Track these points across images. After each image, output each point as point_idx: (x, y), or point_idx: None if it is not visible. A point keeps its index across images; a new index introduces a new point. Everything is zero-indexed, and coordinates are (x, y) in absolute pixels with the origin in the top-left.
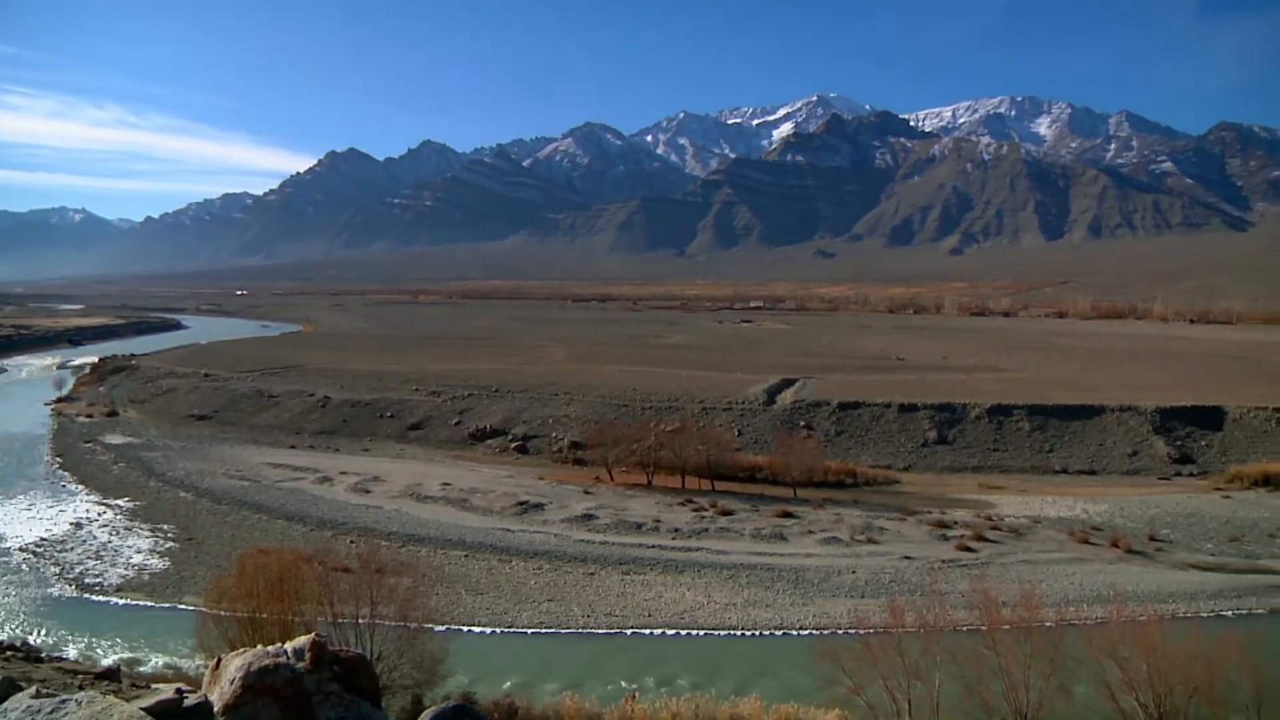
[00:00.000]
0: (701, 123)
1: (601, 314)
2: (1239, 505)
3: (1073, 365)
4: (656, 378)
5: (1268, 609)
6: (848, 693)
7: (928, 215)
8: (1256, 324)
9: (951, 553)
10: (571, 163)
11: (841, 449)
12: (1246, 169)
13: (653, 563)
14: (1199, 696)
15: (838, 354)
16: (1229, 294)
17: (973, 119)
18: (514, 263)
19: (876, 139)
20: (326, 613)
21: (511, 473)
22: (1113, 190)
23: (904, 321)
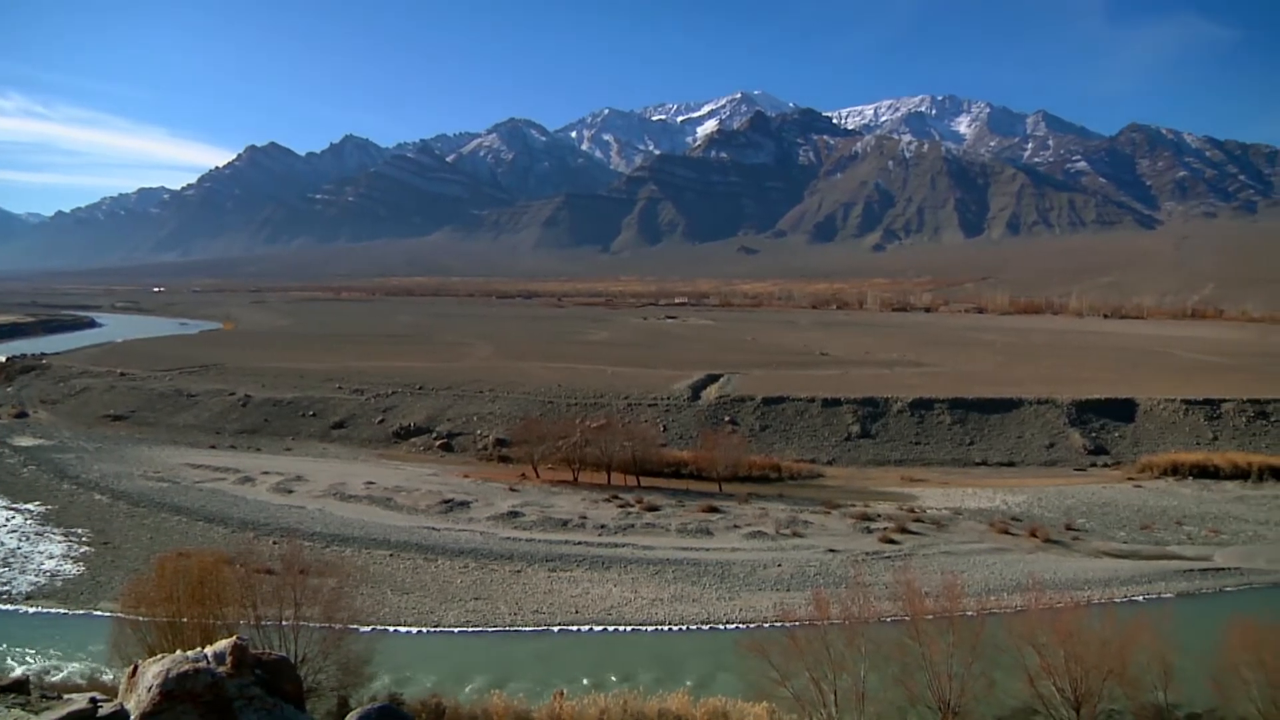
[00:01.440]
0: (626, 119)
1: (526, 310)
2: (1150, 494)
3: (992, 360)
4: (582, 374)
5: (1176, 593)
6: (775, 685)
7: (850, 212)
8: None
9: (875, 545)
10: (495, 158)
11: (766, 444)
12: (1155, 169)
13: (579, 559)
14: (1112, 679)
15: (762, 349)
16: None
17: (894, 117)
18: (438, 259)
19: (800, 136)
20: (249, 615)
21: (436, 471)
22: (1030, 189)
23: (827, 317)
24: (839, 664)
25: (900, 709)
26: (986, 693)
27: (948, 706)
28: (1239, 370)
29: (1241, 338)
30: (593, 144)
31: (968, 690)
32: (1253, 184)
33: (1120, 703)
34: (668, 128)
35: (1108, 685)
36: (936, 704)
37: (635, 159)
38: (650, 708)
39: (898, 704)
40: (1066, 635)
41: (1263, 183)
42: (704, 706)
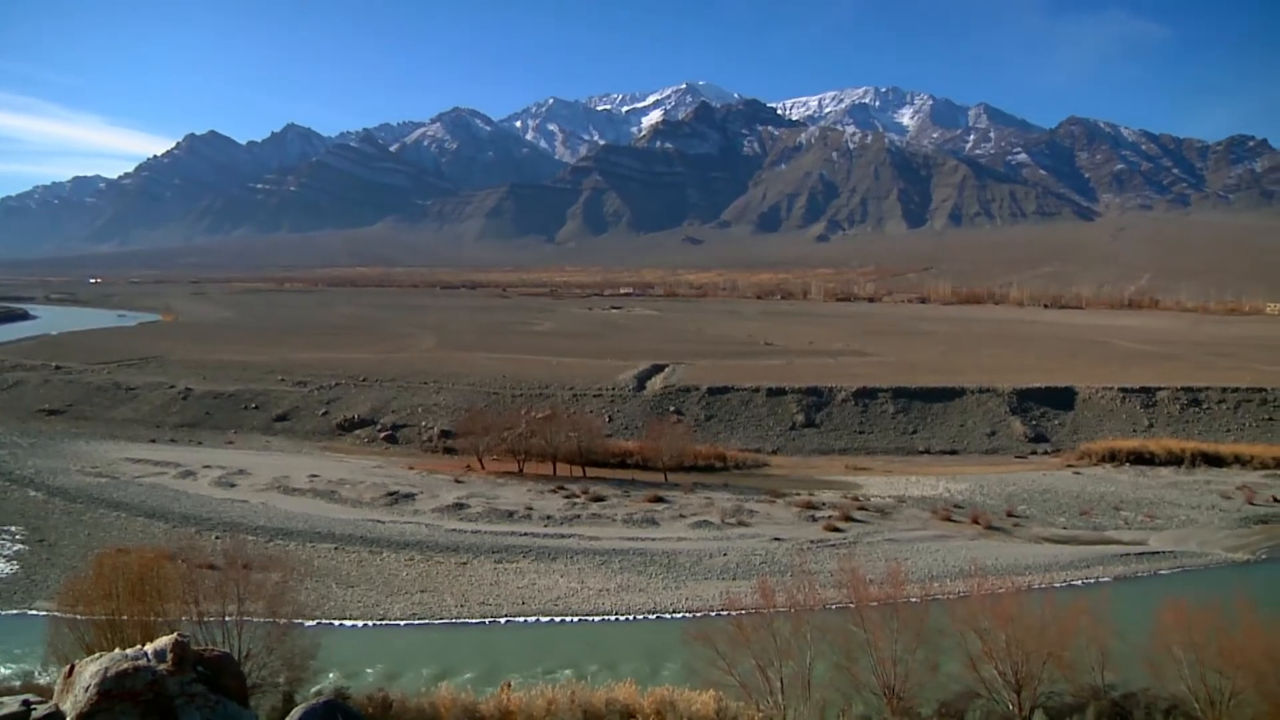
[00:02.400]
0: (571, 109)
1: (471, 301)
2: (1088, 480)
3: (935, 349)
4: (527, 365)
5: (1113, 577)
6: (721, 673)
7: (794, 203)
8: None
9: (820, 533)
10: (439, 148)
11: (711, 433)
12: (1093, 162)
13: (525, 550)
14: (1052, 662)
15: (707, 340)
16: (1079, 280)
17: (838, 109)
18: (381, 249)
19: (744, 127)
20: (191, 612)
21: (381, 463)
22: (972, 180)
23: (772, 307)
24: (785, 651)
25: (845, 695)
26: (930, 677)
27: (892, 691)
28: (1173, 359)
29: (1175, 327)
30: (537, 134)
31: (912, 675)
32: (1186, 178)
33: (1060, 684)
34: (613, 118)
35: (1048, 668)
36: (881, 689)
37: (580, 149)
38: (598, 698)
39: (843, 690)
40: (1008, 620)
41: (1195, 176)
42: (651, 696)
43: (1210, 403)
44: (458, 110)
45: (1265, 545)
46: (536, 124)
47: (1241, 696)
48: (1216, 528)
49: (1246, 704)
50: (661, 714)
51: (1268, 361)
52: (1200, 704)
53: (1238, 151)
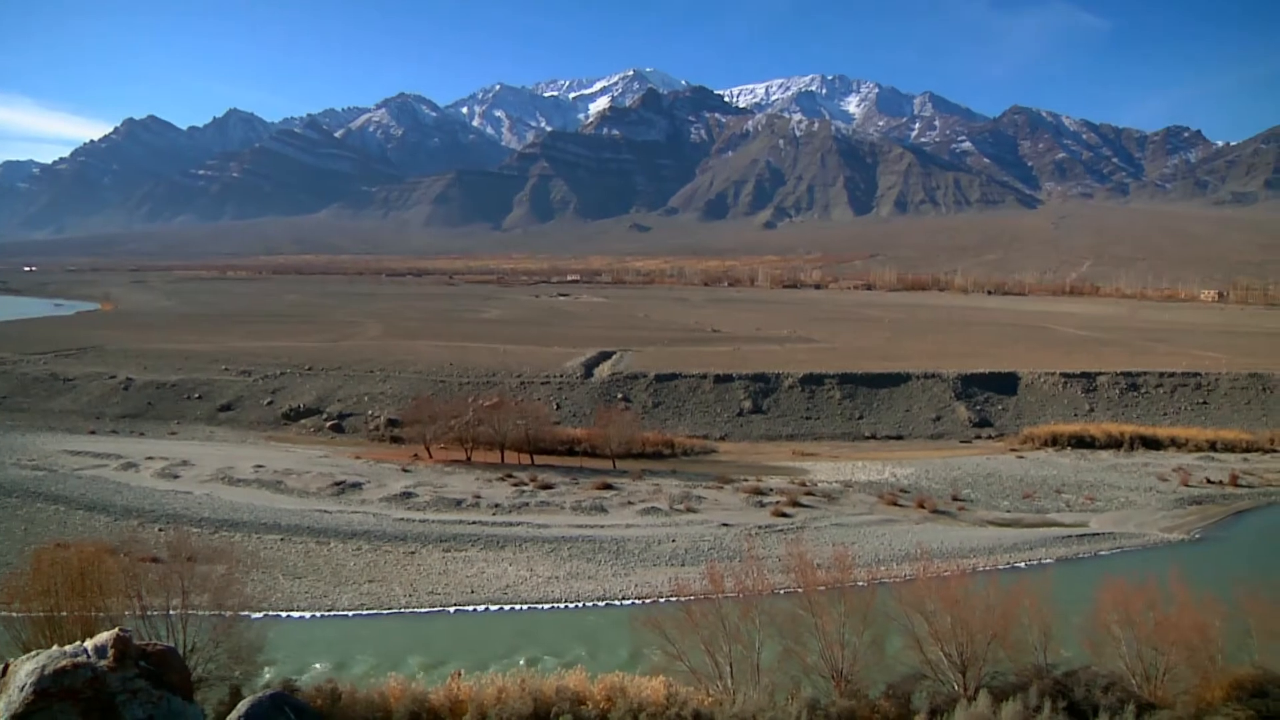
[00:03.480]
0: (518, 95)
1: (417, 288)
2: (1031, 464)
3: (881, 335)
4: (474, 353)
5: (1055, 558)
6: (671, 659)
7: (741, 190)
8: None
9: (768, 518)
10: (385, 134)
11: (659, 420)
12: (1036, 150)
13: (474, 539)
14: (997, 642)
15: (654, 326)
16: (1022, 267)
17: (785, 96)
18: (326, 237)
19: (691, 114)
20: (134, 606)
21: (327, 452)
22: (917, 168)
23: (719, 294)
24: (734, 636)
25: (794, 678)
26: (877, 660)
27: (840, 674)
28: (1113, 344)
29: (1115, 313)
30: (484, 120)
31: (859, 658)
32: (1125, 167)
33: (1004, 664)
34: (560, 104)
35: (992, 648)
36: (829, 672)
37: (527, 135)
38: (548, 686)
39: (791, 673)
40: (953, 602)
41: (1134, 165)
42: (601, 683)
43: (1148, 387)
44: (404, 96)
45: (1199, 525)
46: (483, 110)
47: (1175, 671)
48: (1154, 509)
49: (1180, 678)
50: (612, 700)
51: (1202, 347)
52: (1137, 679)
53: (1174, 142)
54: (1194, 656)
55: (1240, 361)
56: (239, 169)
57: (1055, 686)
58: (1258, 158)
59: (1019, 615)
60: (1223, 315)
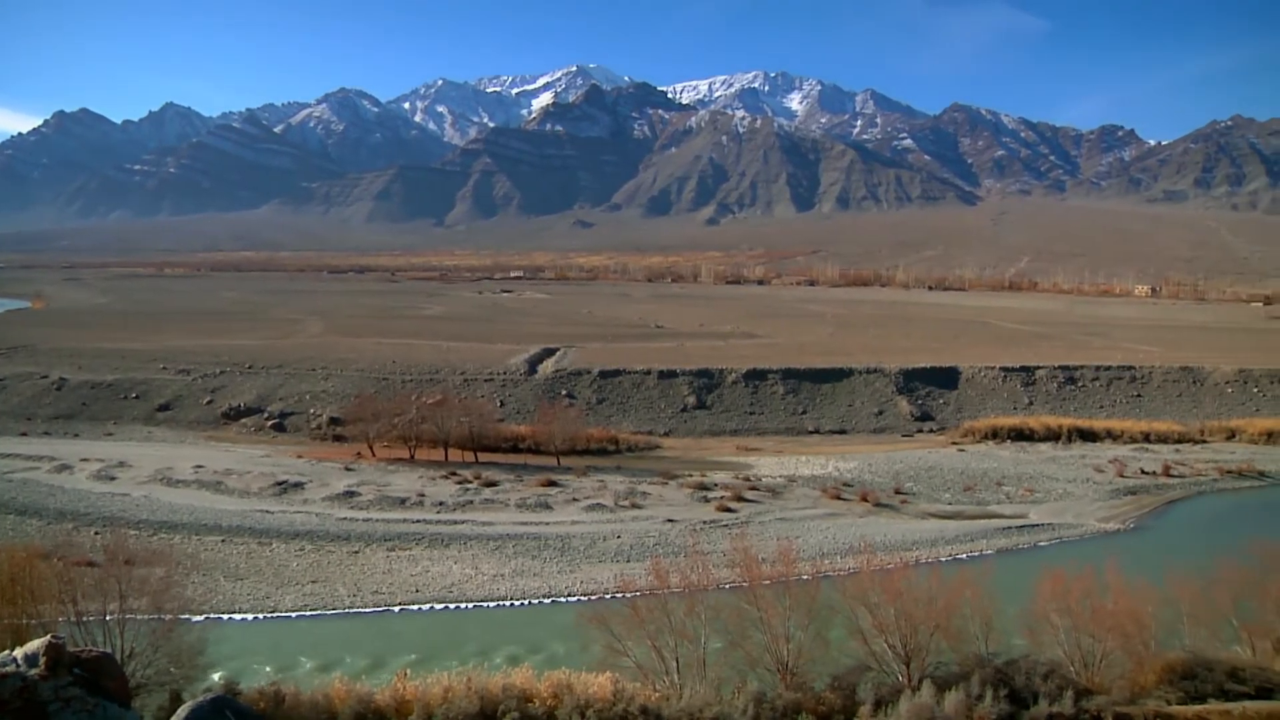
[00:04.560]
0: (460, 90)
1: (359, 285)
2: (972, 457)
3: (823, 330)
4: (417, 350)
5: (996, 550)
6: (618, 655)
7: (684, 186)
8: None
9: (712, 513)
10: (326, 129)
11: (603, 416)
12: (975, 148)
13: (418, 537)
14: (939, 633)
15: (598, 323)
16: (962, 263)
17: (728, 93)
18: (266, 233)
19: (635, 110)
20: (69, 611)
21: (268, 452)
22: (859, 164)
23: (662, 290)
24: (680, 632)
25: (740, 672)
26: (822, 653)
27: (785, 667)
28: (1051, 339)
29: (1053, 308)
30: (426, 115)
31: (805, 651)
32: (1062, 164)
33: (946, 655)
34: (502, 100)
35: (935, 639)
36: (775, 666)
37: (469, 131)
38: (494, 684)
39: (738, 667)
40: (897, 594)
41: (1070, 163)
42: (548, 680)
43: (1085, 380)
44: (344, 91)
45: (1134, 515)
46: (425, 105)
47: (1111, 657)
48: (1091, 500)
49: (1116, 663)
50: (558, 698)
51: (1137, 341)
52: (1075, 666)
53: (1109, 140)
54: (1129, 642)
55: (1172, 355)
56: (176, 164)
57: (996, 675)
58: (1187, 157)
59: (961, 606)
60: (1156, 310)
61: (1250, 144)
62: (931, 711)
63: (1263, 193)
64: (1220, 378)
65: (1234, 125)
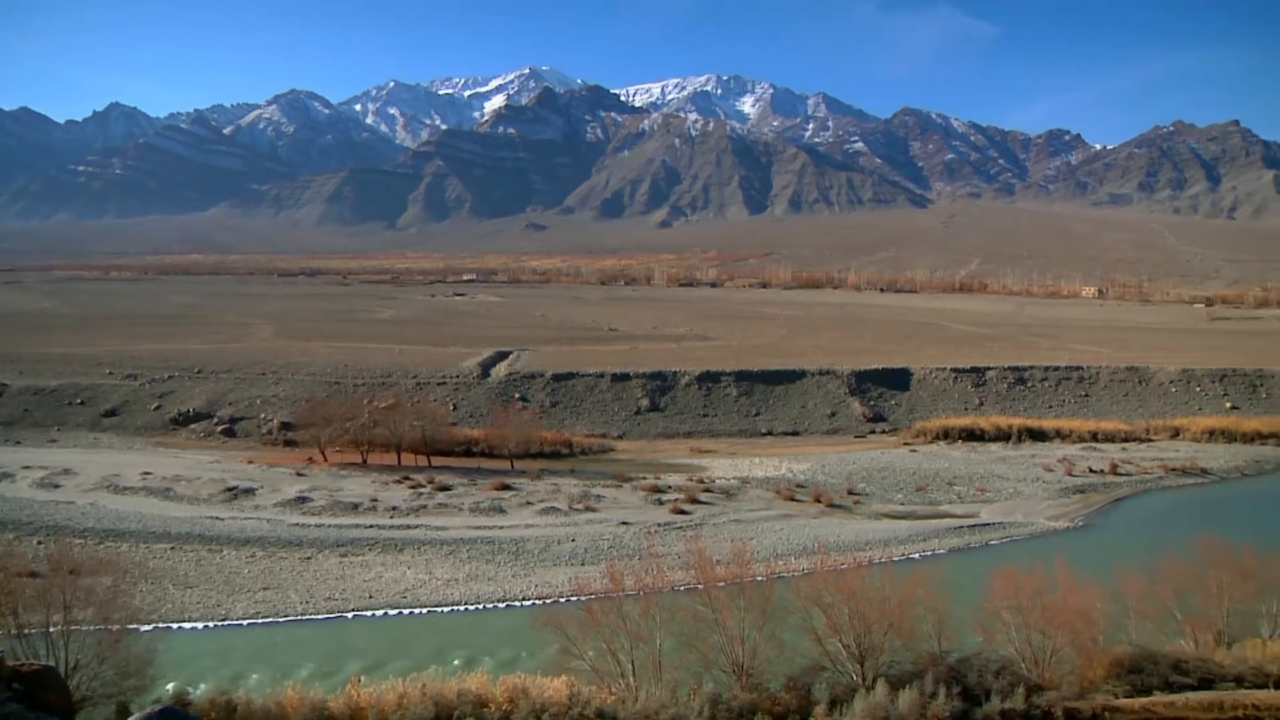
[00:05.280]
0: (412, 92)
1: (310, 289)
2: (924, 458)
3: (776, 332)
4: (369, 353)
5: (948, 549)
6: (573, 658)
7: (638, 188)
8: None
9: (667, 516)
10: (276, 131)
11: (557, 419)
12: (926, 151)
13: (371, 543)
14: (893, 632)
15: (551, 325)
16: (913, 265)
17: (681, 96)
18: (215, 236)
19: (588, 113)
20: (9, 624)
21: (219, 457)
22: (811, 167)
23: (615, 293)
24: (635, 634)
25: (696, 674)
26: (778, 653)
27: (741, 668)
28: (1001, 340)
29: (1002, 310)
30: (378, 117)
31: (760, 652)
32: (1011, 168)
33: (900, 653)
34: (455, 102)
35: (889, 638)
36: (731, 667)
37: (422, 133)
38: (449, 689)
39: (693, 669)
40: (850, 594)
41: (1019, 167)
42: (504, 685)
43: (1034, 381)
44: (295, 92)
45: (1083, 513)
46: (377, 107)
47: (1061, 653)
48: (1040, 499)
49: (1066, 659)
50: (514, 702)
51: (1084, 341)
52: (1026, 663)
53: (1056, 144)
54: (1078, 638)
55: (1119, 355)
56: (122, 165)
57: (950, 673)
58: (1132, 161)
59: (914, 605)
60: (1102, 311)
61: (1191, 149)
62: (886, 710)
63: (1203, 197)
64: (1165, 377)
65: (1175, 131)
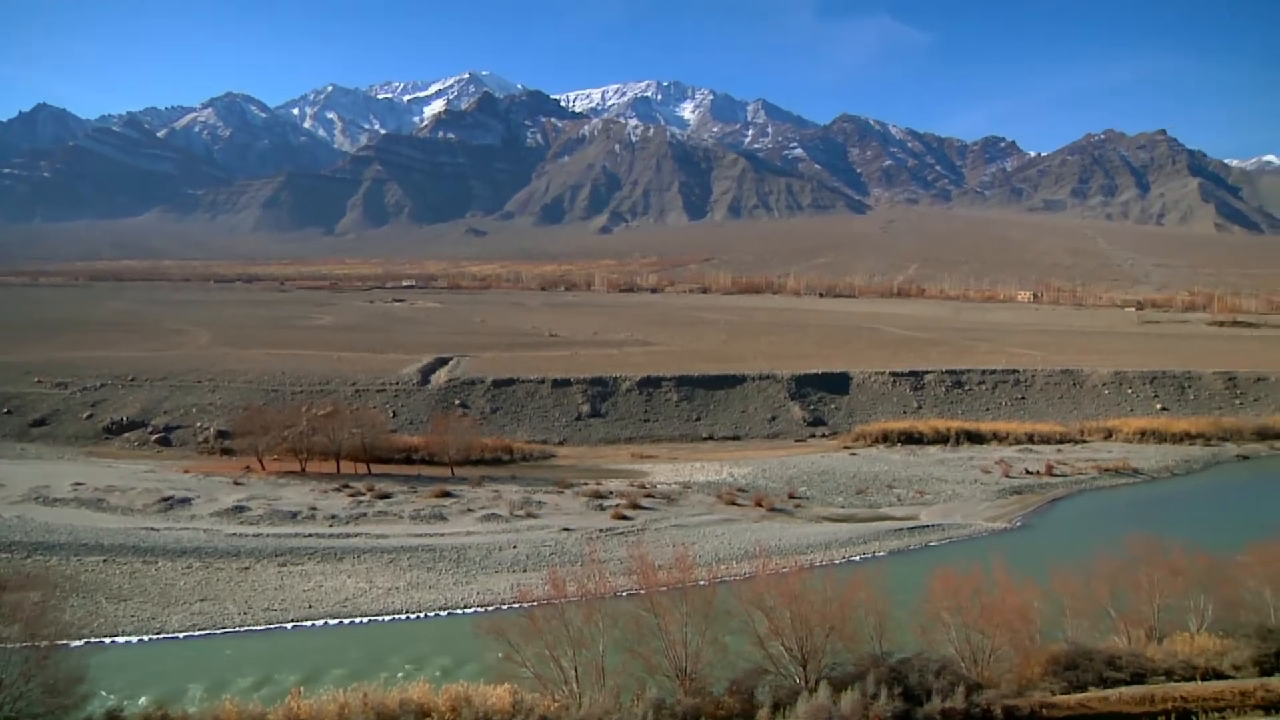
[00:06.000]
0: (351, 97)
1: (247, 295)
2: (863, 461)
3: (717, 337)
4: (307, 360)
5: (888, 551)
6: (516, 665)
7: (578, 194)
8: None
9: (608, 521)
10: (212, 135)
11: (498, 426)
12: (864, 157)
13: (311, 552)
14: (835, 634)
15: (491, 331)
16: (852, 270)
17: (621, 101)
18: (150, 241)
19: (528, 118)
20: None
21: (153, 467)
22: (751, 173)
23: (556, 298)
24: (578, 640)
25: (639, 679)
26: (720, 657)
27: (684, 673)
28: (939, 344)
29: (940, 314)
30: (316, 122)
31: (702, 656)
32: (947, 174)
33: (842, 655)
34: (394, 107)
35: (831, 640)
36: (674, 672)
37: (360, 138)
38: (391, 699)
39: (636, 674)
40: (792, 598)
41: (955, 173)
42: (446, 693)
43: (971, 384)
44: (231, 95)
45: (1019, 514)
46: (315, 112)
47: (1000, 652)
48: (978, 500)
49: (1004, 658)
50: (457, 710)
51: (1020, 345)
52: (966, 662)
53: (991, 151)
54: (1016, 637)
55: (1053, 358)
56: (50, 168)
57: (891, 674)
58: (1065, 168)
59: (855, 607)
60: (1037, 315)
61: (1121, 157)
62: (828, 712)
63: (1133, 203)
64: (1098, 380)
65: (1107, 139)
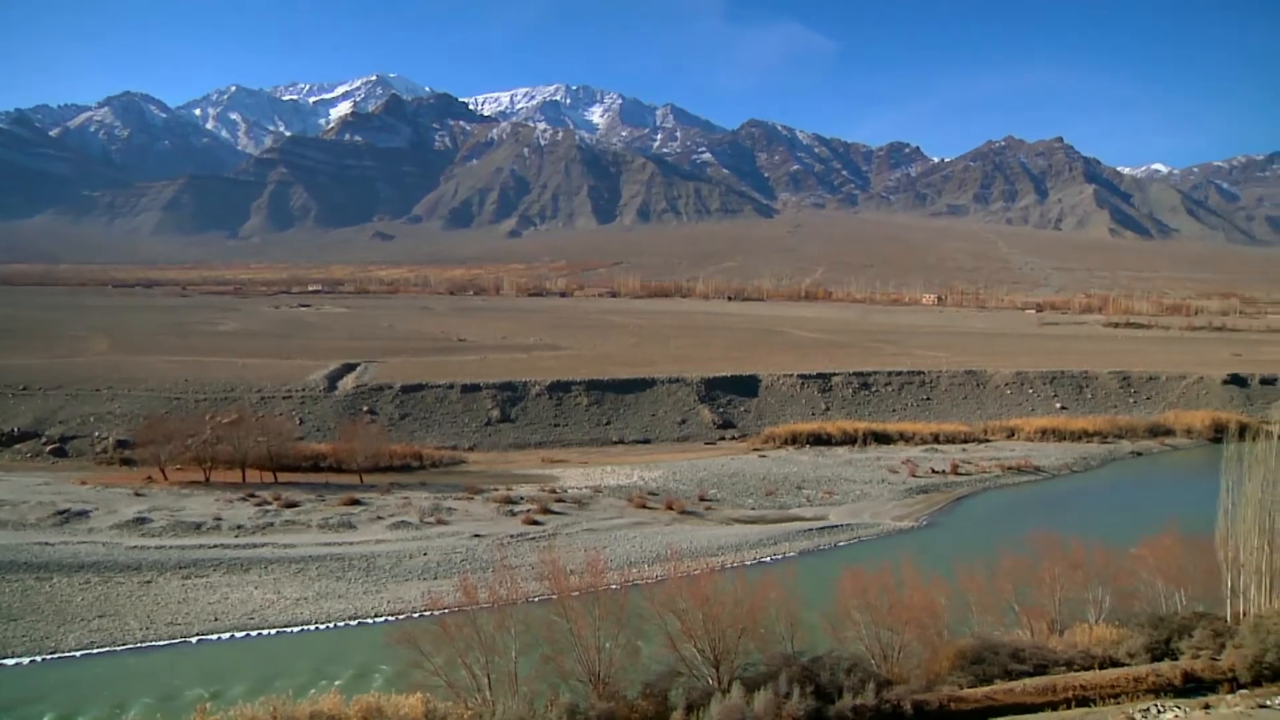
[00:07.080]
0: (255, 98)
1: (148, 300)
2: (773, 463)
3: (627, 341)
4: (210, 367)
5: (798, 551)
6: (428, 674)
7: (486, 198)
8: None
9: (519, 527)
10: (109, 135)
11: (407, 432)
12: (772, 162)
13: (215, 563)
14: (746, 635)
15: (399, 336)
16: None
17: (530, 105)
18: (42, 244)
19: (436, 121)
20: None
21: (48, 479)
22: (660, 177)
23: (464, 303)
24: (490, 647)
25: (553, 685)
26: (634, 661)
27: (598, 678)
28: (846, 346)
29: (847, 317)
30: (218, 123)
31: (616, 660)
32: (853, 179)
33: (754, 656)
34: (299, 108)
35: (743, 641)
36: (588, 676)
37: (265, 140)
38: (301, 711)
39: (550, 680)
40: (704, 600)
41: (861, 178)
42: (357, 704)
43: (878, 385)
44: (129, 95)
45: (926, 513)
46: (217, 112)
47: (909, 648)
48: (886, 500)
49: (913, 654)
50: None
51: (925, 347)
52: (876, 659)
53: (896, 157)
54: (924, 633)
55: (957, 360)
56: None
57: (803, 673)
58: (967, 174)
59: (767, 608)
60: (942, 317)
61: (1021, 163)
62: (742, 712)
63: (1032, 208)
64: (1000, 380)
65: (1007, 146)
